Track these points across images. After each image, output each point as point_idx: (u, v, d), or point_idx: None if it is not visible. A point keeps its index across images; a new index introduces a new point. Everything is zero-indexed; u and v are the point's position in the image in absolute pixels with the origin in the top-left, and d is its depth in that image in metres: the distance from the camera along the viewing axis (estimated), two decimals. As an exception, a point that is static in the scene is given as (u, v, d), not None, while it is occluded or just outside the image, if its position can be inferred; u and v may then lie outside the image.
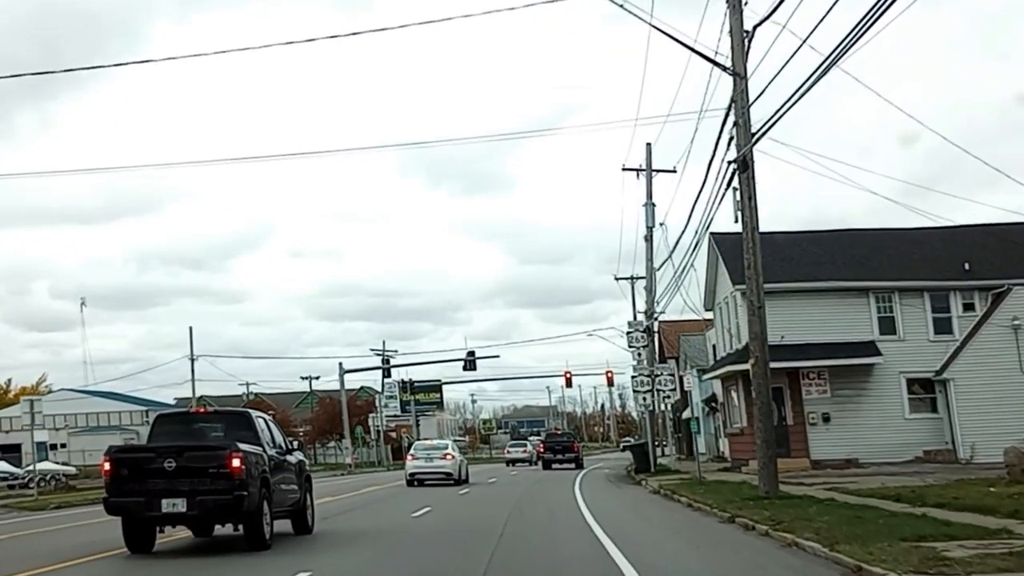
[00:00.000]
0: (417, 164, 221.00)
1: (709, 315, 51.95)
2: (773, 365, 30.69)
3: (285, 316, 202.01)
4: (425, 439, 65.96)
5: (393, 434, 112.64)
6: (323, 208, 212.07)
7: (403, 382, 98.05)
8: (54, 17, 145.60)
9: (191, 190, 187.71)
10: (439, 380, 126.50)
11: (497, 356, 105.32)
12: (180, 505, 17.06)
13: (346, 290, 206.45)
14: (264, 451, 18.67)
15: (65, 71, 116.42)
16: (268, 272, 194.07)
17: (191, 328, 76.59)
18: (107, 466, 17.60)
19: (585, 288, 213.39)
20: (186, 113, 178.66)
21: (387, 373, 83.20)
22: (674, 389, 47.68)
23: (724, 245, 43.73)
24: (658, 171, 53.50)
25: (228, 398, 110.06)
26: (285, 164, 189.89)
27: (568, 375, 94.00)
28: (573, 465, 69.90)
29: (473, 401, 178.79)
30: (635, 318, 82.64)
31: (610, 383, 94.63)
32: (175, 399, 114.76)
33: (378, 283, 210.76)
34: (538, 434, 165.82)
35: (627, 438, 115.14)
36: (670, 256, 44.62)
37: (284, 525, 20.68)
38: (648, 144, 53.67)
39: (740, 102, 26.27)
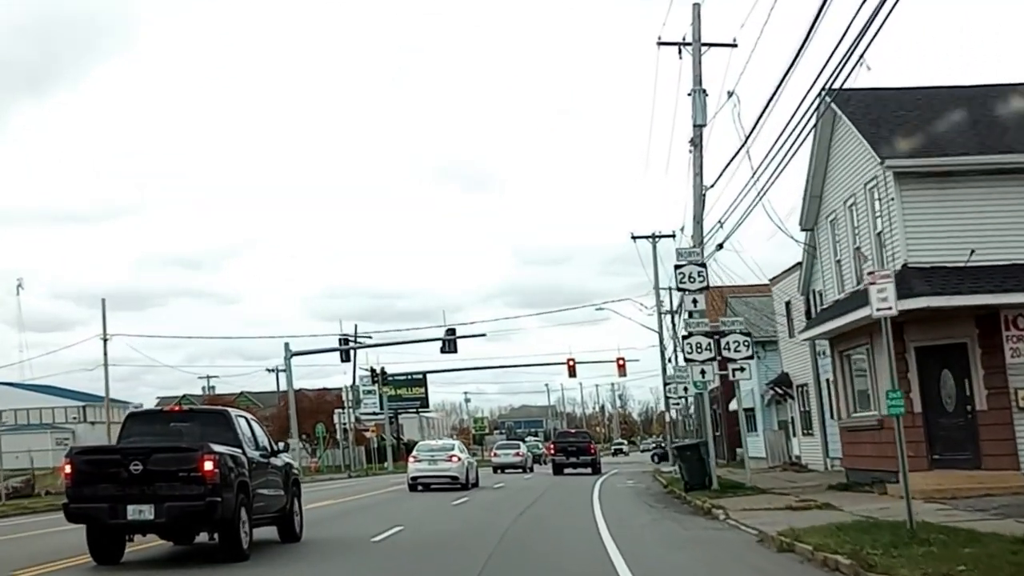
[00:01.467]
0: (417, 161, 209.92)
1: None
2: (954, 302, 21.64)
3: (283, 318, 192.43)
4: (430, 440, 55.80)
5: (368, 433, 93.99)
6: (321, 208, 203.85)
7: (373, 371, 78.84)
8: (50, 19, 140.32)
9: (186, 190, 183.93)
10: (423, 372, 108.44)
11: (483, 335, 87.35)
12: (147, 512, 15.47)
13: (344, 292, 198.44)
14: (244, 453, 16.74)
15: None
16: (264, 273, 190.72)
17: (103, 300, 58.46)
18: (68, 469, 16.12)
19: (583, 289, 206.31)
20: (184, 111, 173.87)
21: (346, 357, 64.28)
22: (750, 358, 29.22)
23: (854, 105, 24.76)
24: (711, 45, 34.93)
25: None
26: (284, 163, 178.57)
27: (571, 363, 76.42)
28: (589, 470, 56.22)
29: (467, 400, 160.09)
30: (657, 284, 63.98)
31: (622, 370, 75.75)
32: (157, 399, 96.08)
33: (376, 284, 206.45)
34: (535, 434, 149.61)
35: (650, 440, 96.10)
36: (747, 139, 25.99)
37: (271, 532, 18.84)
38: (696, 5, 34.86)
39: None
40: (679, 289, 31.54)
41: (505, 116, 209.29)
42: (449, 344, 64.13)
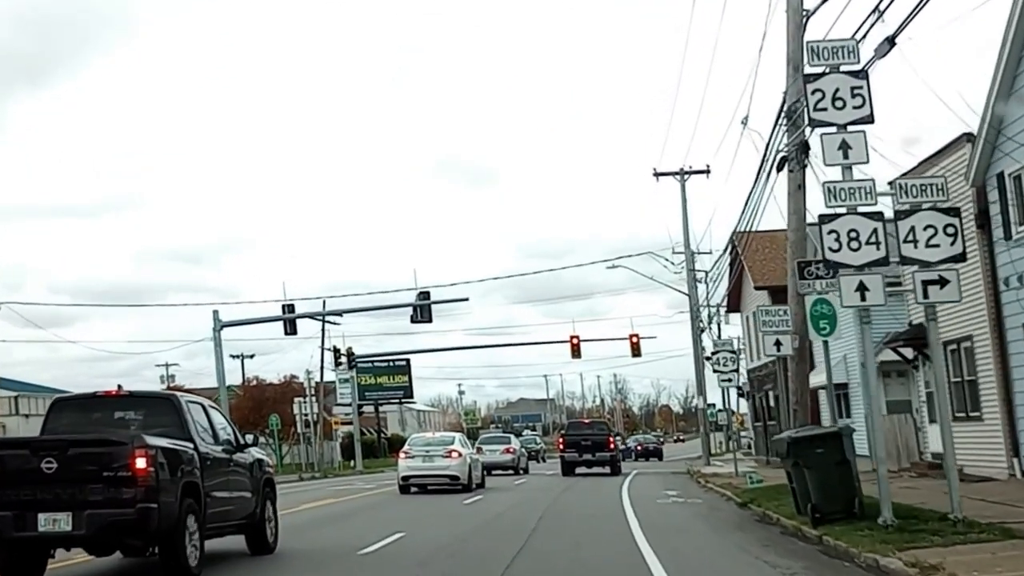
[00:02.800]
0: (417, 155, 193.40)
1: None
2: None
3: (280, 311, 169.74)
4: (426, 432, 50.85)
5: (337, 426, 79.12)
6: (321, 204, 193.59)
7: (337, 352, 63.48)
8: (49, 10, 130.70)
9: (186, 185, 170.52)
10: (406, 358, 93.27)
11: (465, 299, 62.56)
12: (63, 522, 12.27)
13: (345, 287, 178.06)
14: (194, 447, 13.68)
15: None
16: (263, 269, 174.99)
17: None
18: None
19: (585, 283, 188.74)
20: (184, 105, 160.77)
21: (290, 328, 48.74)
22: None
23: None
24: None
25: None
26: (281, 160, 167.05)
27: (575, 340, 61.41)
28: (607, 470, 43.55)
29: (461, 392, 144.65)
30: (688, 233, 48.75)
31: (635, 349, 60.62)
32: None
33: (376, 280, 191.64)
34: (533, 428, 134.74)
35: (652, 433, 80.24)
36: None
37: (239, 542, 15.76)
38: None
39: None
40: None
41: (506, 110, 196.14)
42: (422, 312, 48.89)
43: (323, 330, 75.63)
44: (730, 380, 35.17)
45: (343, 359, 63.93)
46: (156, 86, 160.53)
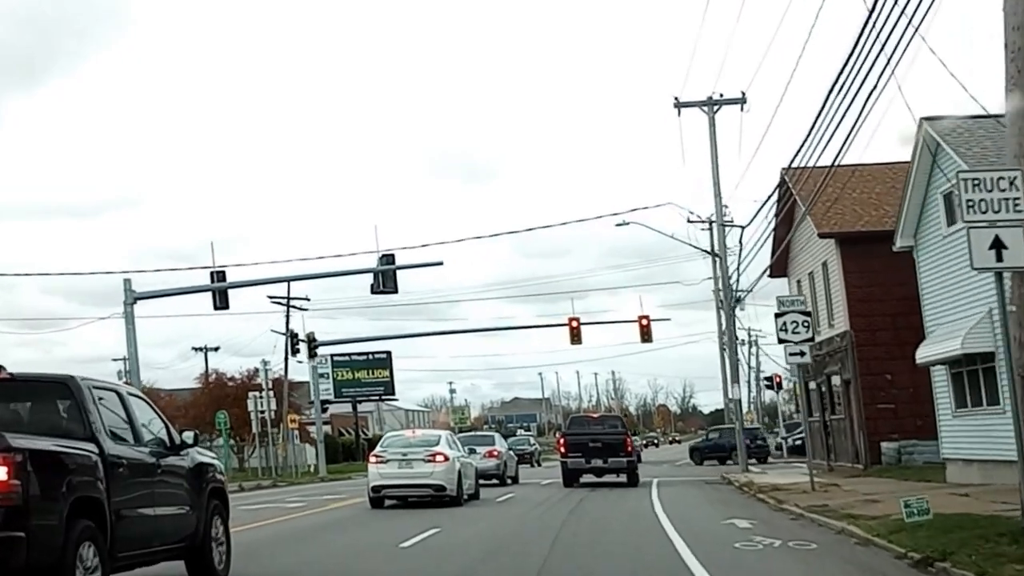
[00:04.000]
0: (412, 155, 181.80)
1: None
2: None
3: (277, 310, 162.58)
4: (404, 430, 37.51)
5: (309, 427, 68.56)
6: (313, 203, 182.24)
7: (294, 337, 52.26)
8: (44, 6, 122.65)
9: (182, 183, 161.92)
10: (387, 351, 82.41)
11: (440, 263, 40.70)
12: None
13: (340, 286, 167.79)
14: (98, 448, 10.22)
15: None
16: (258, 266, 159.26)
17: None
18: None
19: (582, 283, 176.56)
20: (178, 104, 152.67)
21: (221, 301, 37.39)
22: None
23: None
24: None
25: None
26: (281, 156, 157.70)
27: (575, 324, 50.97)
28: (624, 479, 32.87)
29: (452, 391, 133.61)
30: (718, 174, 37.92)
31: (645, 333, 49.99)
32: None
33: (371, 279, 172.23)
34: (528, 428, 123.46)
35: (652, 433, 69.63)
36: None
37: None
38: None
39: None
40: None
41: (504, 107, 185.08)
42: (384, 279, 37.78)
43: (287, 316, 65.12)
44: (802, 354, 24.10)
45: (301, 345, 52.61)
46: (149, 86, 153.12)
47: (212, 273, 38.74)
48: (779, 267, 36.17)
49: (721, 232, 37.87)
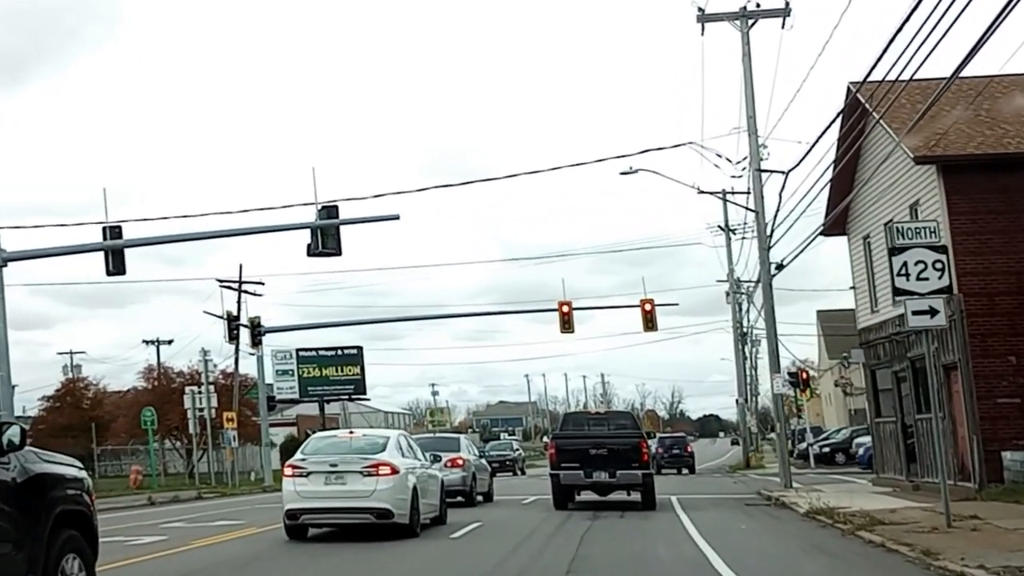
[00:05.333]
0: (405, 155, 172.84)
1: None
2: None
3: (268, 317, 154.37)
4: (337, 430, 27.29)
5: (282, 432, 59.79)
6: (303, 203, 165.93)
7: (231, 319, 42.76)
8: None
9: (169, 184, 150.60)
10: (357, 346, 73.04)
11: (396, 217, 29.79)
12: None
13: (328, 287, 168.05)
14: None
15: None
16: (246, 269, 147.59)
17: None
18: None
19: (571, 289, 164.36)
20: (165, 103, 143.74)
21: (115, 264, 28.15)
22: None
23: None
24: None
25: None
26: (269, 157, 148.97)
27: (567, 308, 42.30)
28: (638, 498, 23.36)
29: (435, 392, 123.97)
30: (753, 106, 29.03)
31: (648, 319, 41.46)
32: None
33: (362, 281, 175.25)
34: (512, 432, 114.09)
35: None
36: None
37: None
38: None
39: None
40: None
41: (496, 110, 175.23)
42: (324, 238, 28.65)
43: (239, 302, 55.86)
44: (932, 312, 15.03)
45: (238, 330, 43.24)
46: (135, 83, 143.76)
47: (104, 229, 29.47)
48: (837, 222, 27.03)
49: (758, 179, 28.73)
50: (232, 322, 43.01)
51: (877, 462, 26.84)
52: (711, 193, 48.12)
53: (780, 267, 28.31)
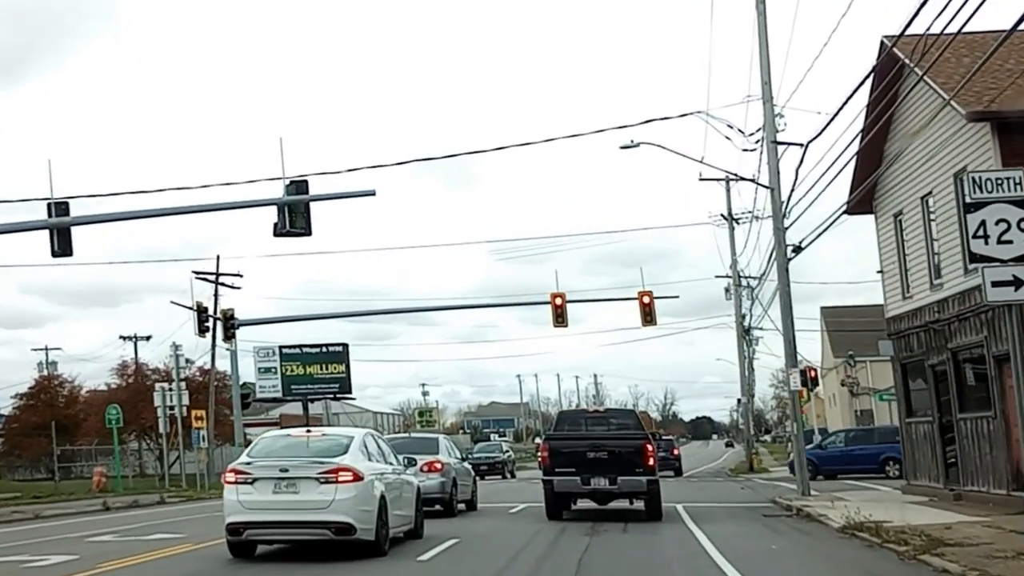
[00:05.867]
0: (397, 156, 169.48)
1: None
2: None
3: (255, 313, 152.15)
4: (292, 429, 17.87)
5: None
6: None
7: (201, 310, 39.49)
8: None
9: (160, 183, 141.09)
10: (343, 343, 69.81)
11: (371, 192, 25.77)
12: None
13: (319, 289, 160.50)
14: None
15: None
16: (239, 270, 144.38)
17: None
18: None
19: (563, 287, 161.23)
20: (156, 102, 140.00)
21: (60, 244, 25.05)
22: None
23: None
24: None
25: None
26: (259, 158, 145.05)
27: (559, 301, 39.31)
28: (642, 506, 20.35)
29: (425, 393, 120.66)
30: (770, 84, 25.98)
31: (647, 312, 38.64)
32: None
33: (352, 282, 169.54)
34: (503, 434, 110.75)
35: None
36: None
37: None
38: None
39: None
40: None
41: (487, 111, 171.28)
42: (293, 216, 25.63)
43: (216, 295, 52.84)
44: (1017, 283, 11.88)
45: (212, 324, 40.06)
46: (126, 81, 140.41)
47: (49, 205, 26.27)
48: (864, 199, 23.94)
49: (773, 152, 25.65)
50: (202, 314, 39.78)
51: (908, 467, 23.76)
52: (715, 179, 45.23)
53: (798, 249, 25.23)
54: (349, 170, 26.88)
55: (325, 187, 26.50)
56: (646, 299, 40.47)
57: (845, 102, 20.74)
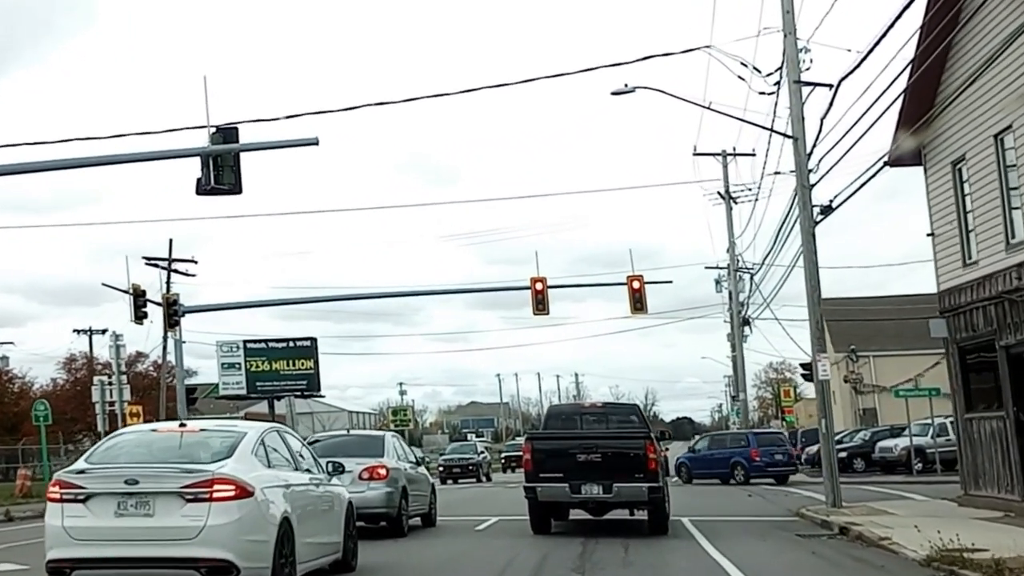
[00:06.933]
0: (382, 159, 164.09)
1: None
2: None
3: (242, 316, 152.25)
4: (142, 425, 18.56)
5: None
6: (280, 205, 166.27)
7: (138, 294, 34.59)
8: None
9: (145, 181, 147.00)
10: (311, 337, 64.94)
11: (314, 141, 19.48)
12: None
13: (304, 290, 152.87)
14: None
15: None
16: (222, 269, 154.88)
17: None
18: None
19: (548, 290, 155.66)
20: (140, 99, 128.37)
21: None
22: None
23: None
24: None
25: None
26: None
27: (540, 286, 34.56)
28: (645, 516, 16.12)
29: (402, 392, 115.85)
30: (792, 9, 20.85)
31: (637, 298, 34.14)
32: None
33: (335, 282, 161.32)
34: (480, 434, 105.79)
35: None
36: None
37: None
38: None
39: None
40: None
41: (471, 110, 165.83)
42: (219, 169, 20.86)
43: (168, 281, 48.42)
44: None
45: (147, 308, 35.12)
46: (111, 75, 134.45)
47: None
48: (911, 148, 19.38)
49: (797, 94, 21.05)
50: (139, 298, 34.91)
51: (967, 475, 19.19)
52: (711, 153, 40.88)
53: (828, 209, 20.64)
54: (288, 116, 21.80)
55: (258, 135, 21.87)
56: (636, 284, 35.98)
57: (890, 26, 16.18)
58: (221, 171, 20.89)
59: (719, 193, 41.04)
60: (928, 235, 19.63)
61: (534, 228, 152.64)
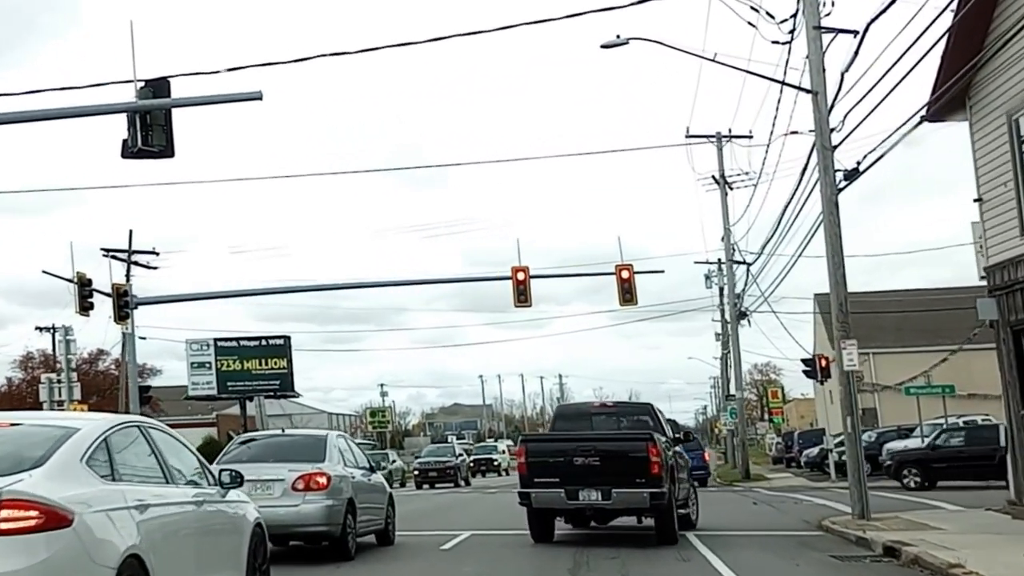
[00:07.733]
0: (365, 153, 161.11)
1: None
2: None
3: (222, 315, 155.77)
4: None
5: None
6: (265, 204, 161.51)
7: (83, 284, 31.35)
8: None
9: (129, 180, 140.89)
10: (284, 336, 62.26)
11: (257, 96, 15.91)
12: None
13: (287, 301, 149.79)
14: None
15: None
16: (204, 270, 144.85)
17: None
18: None
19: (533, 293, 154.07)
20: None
21: None
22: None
23: None
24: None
25: None
26: (228, 155, 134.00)
27: (522, 276, 31.48)
28: (651, 526, 14.34)
29: (383, 393, 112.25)
30: None
31: (626, 288, 31.59)
32: None
33: (320, 281, 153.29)
34: (462, 437, 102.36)
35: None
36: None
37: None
38: None
39: None
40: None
41: (458, 109, 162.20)
42: (148, 129, 17.70)
43: (127, 272, 45.14)
44: None
45: (91, 298, 31.87)
46: (95, 73, 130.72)
47: None
48: (955, 99, 16.42)
49: (817, 43, 18.07)
50: (84, 288, 31.69)
51: (1016, 475, 16.22)
52: (705, 135, 37.92)
53: (853, 173, 17.64)
54: (230, 69, 18.52)
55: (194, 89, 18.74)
56: (625, 274, 33.14)
57: None
58: (151, 131, 17.81)
59: (714, 178, 37.98)
60: (975, 200, 16.61)
61: (517, 225, 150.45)
